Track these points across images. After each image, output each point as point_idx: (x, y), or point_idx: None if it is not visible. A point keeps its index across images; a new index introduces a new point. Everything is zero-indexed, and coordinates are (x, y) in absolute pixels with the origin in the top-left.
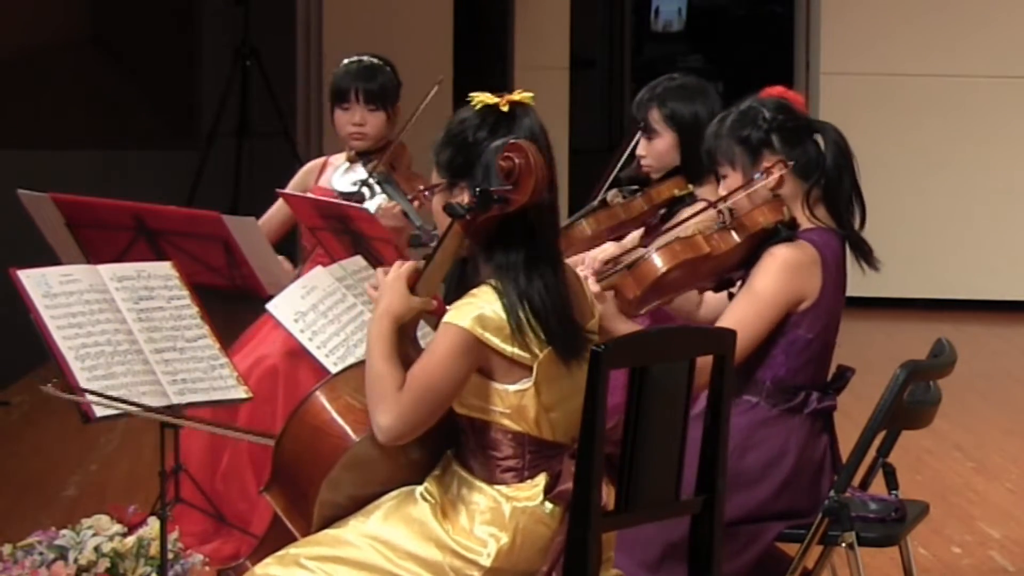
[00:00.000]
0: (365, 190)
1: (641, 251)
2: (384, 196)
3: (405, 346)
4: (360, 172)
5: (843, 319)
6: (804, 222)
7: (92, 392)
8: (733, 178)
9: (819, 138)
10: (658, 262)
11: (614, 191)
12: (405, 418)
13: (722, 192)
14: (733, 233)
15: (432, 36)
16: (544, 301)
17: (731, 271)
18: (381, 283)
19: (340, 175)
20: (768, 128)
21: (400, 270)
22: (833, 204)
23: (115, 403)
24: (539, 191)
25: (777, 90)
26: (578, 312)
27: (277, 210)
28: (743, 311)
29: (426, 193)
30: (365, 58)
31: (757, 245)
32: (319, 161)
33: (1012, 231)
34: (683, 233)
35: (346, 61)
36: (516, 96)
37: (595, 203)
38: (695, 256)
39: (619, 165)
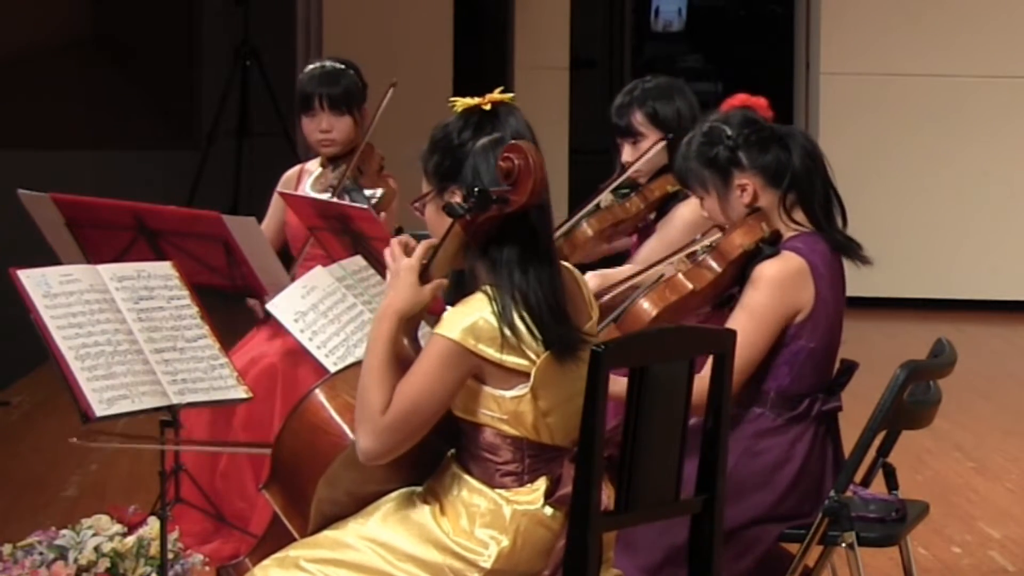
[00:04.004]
0: (335, 199)
1: (625, 298)
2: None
3: (404, 344)
4: (331, 178)
5: (844, 319)
6: (786, 230)
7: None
8: (709, 200)
9: (787, 142)
10: (645, 308)
11: (607, 196)
12: (383, 441)
13: (703, 214)
14: (714, 264)
15: (432, 36)
16: (539, 297)
17: (722, 294)
18: (396, 267)
19: (311, 184)
20: (733, 146)
21: (411, 260)
22: (808, 207)
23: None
24: (537, 191)
25: (739, 99)
26: (574, 312)
27: (272, 215)
28: (738, 332)
29: (417, 206)
30: (328, 63)
31: (743, 266)
32: (295, 170)
33: (1012, 231)
34: (667, 272)
35: (309, 67)
36: (497, 95)
37: (590, 207)
38: (679, 297)
39: (613, 185)
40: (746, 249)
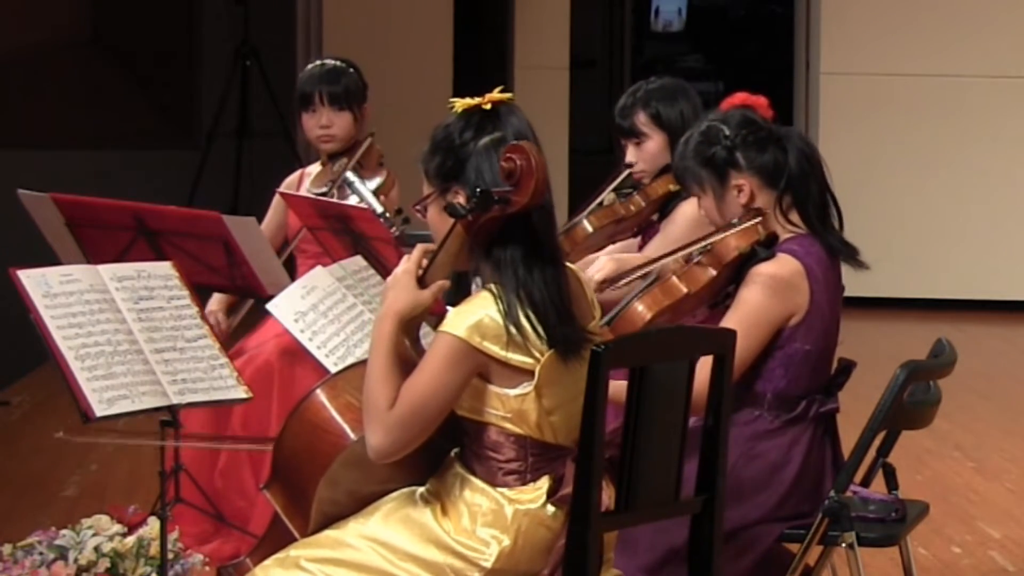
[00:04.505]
0: (335, 191)
1: (628, 290)
2: (355, 196)
3: (406, 345)
4: (331, 172)
5: (842, 319)
6: (782, 232)
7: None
8: (706, 200)
9: (784, 144)
10: (640, 310)
11: (610, 195)
12: (393, 438)
13: (700, 213)
14: (708, 267)
15: (432, 36)
16: (543, 295)
17: (717, 295)
18: (393, 274)
19: (311, 182)
20: (731, 146)
21: (408, 264)
22: (803, 209)
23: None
24: (539, 192)
25: (739, 98)
26: (578, 312)
27: (272, 215)
28: None
29: (419, 208)
30: (328, 62)
31: (738, 268)
32: (296, 175)
33: (1011, 231)
34: (663, 275)
35: (309, 66)
36: (497, 95)
37: (592, 205)
38: (674, 300)
39: (614, 184)
40: (741, 252)
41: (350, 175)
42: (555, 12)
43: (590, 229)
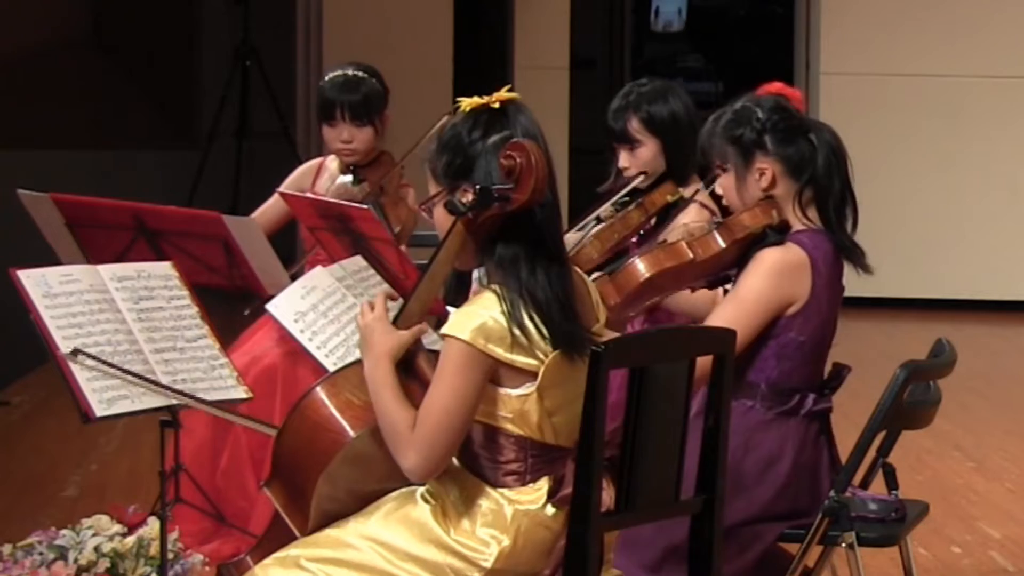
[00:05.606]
0: (333, 200)
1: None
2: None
3: (415, 361)
4: (354, 193)
5: (842, 319)
6: (796, 223)
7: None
8: (726, 178)
9: (814, 137)
10: (640, 269)
11: (606, 206)
12: (426, 454)
13: (717, 191)
14: (719, 238)
15: (432, 36)
16: (548, 295)
17: (721, 272)
18: (365, 323)
19: (330, 186)
20: (761, 128)
21: (377, 310)
22: (823, 205)
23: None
24: (540, 190)
25: (775, 87)
26: (582, 312)
27: (270, 207)
28: (730, 314)
29: (426, 208)
30: (349, 71)
31: (746, 248)
32: (316, 162)
33: (1011, 231)
34: (670, 238)
35: (330, 75)
36: (505, 94)
37: (591, 220)
38: (678, 263)
39: (614, 199)
40: (752, 231)
41: (370, 204)
42: (555, 12)
43: (595, 255)
